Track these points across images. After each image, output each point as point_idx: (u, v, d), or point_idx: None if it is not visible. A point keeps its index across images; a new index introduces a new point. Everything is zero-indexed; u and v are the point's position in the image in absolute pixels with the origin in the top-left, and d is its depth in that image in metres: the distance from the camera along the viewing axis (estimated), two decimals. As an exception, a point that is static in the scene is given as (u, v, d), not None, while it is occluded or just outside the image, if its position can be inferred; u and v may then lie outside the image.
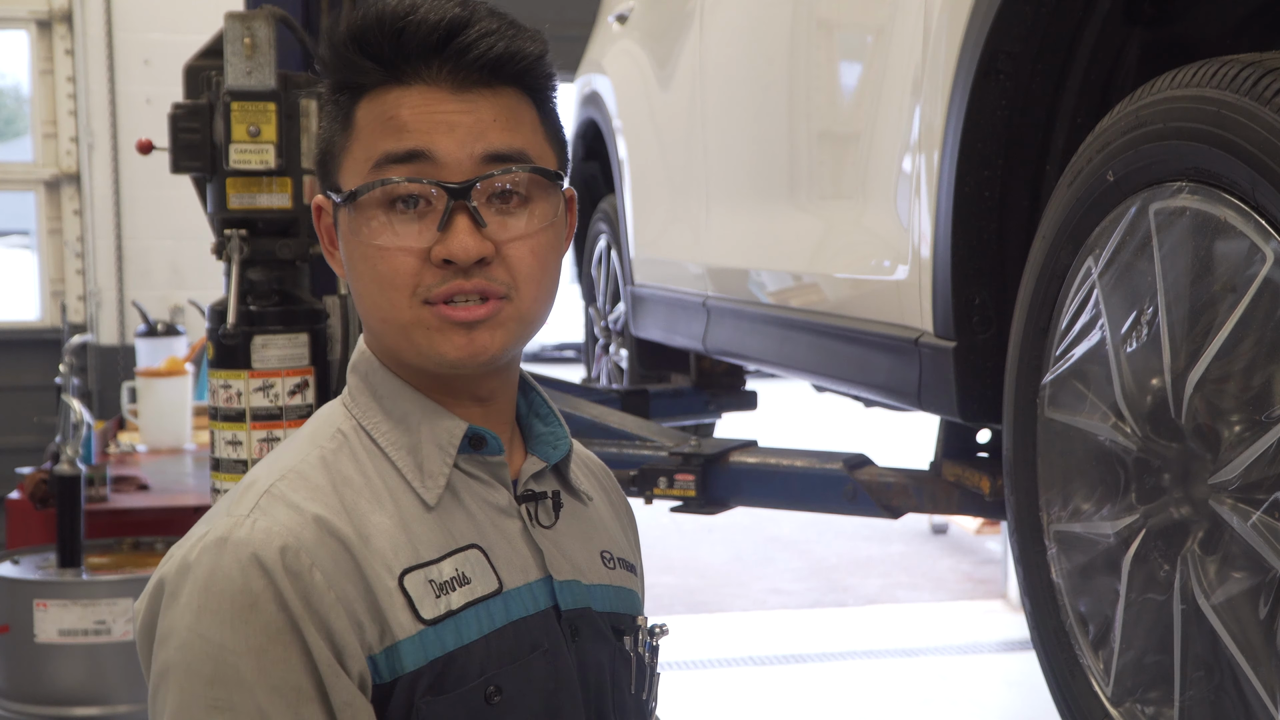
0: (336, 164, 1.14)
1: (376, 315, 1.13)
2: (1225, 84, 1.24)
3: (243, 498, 1.11)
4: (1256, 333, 1.26)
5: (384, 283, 1.10)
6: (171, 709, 1.05)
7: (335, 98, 1.15)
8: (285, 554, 1.06)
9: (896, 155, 1.98)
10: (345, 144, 1.13)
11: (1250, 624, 1.28)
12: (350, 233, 1.12)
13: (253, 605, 1.04)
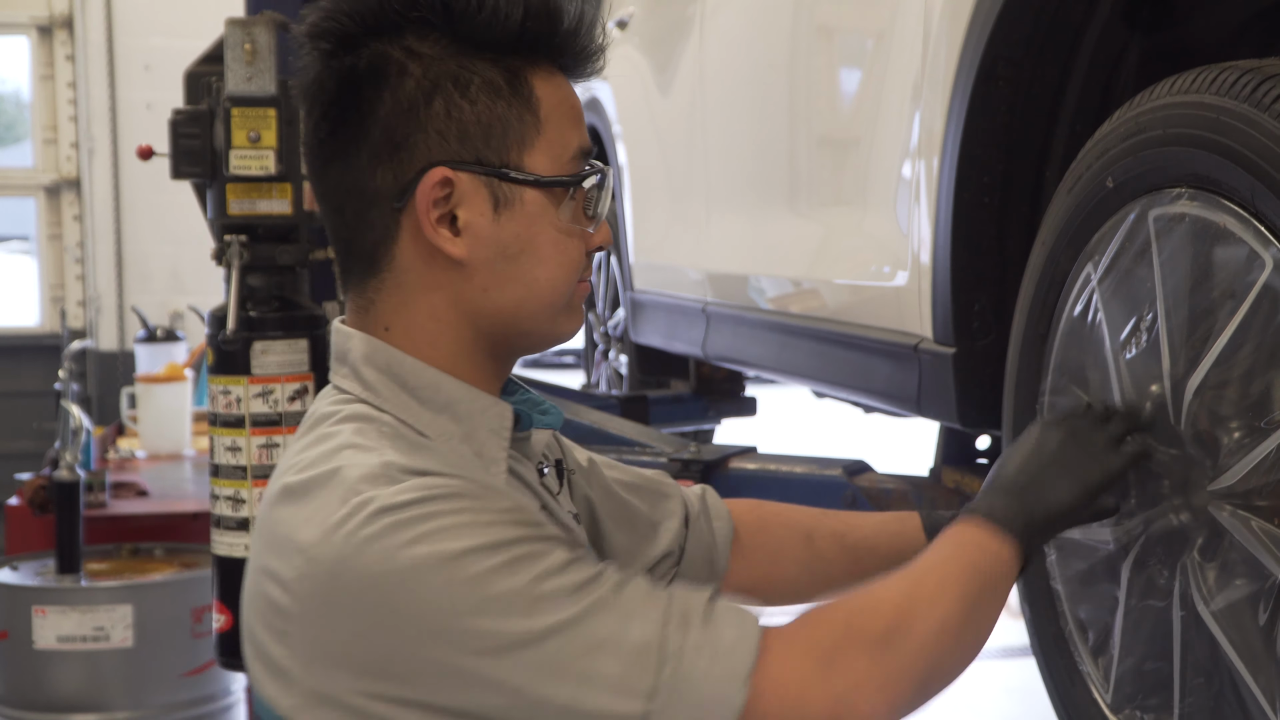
0: (517, 141, 1.13)
1: (542, 296, 1.15)
2: (1224, 90, 1.24)
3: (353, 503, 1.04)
4: (1256, 339, 1.26)
5: (567, 265, 1.15)
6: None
7: (500, 63, 1.12)
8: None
9: (896, 161, 1.98)
10: (529, 121, 1.13)
11: (1250, 630, 1.28)
12: (536, 215, 1.13)
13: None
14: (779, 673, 1.02)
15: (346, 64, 1.12)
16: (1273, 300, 1.23)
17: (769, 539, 1.45)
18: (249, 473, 2.61)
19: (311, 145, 1.16)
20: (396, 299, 1.14)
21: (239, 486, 2.62)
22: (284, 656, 1.05)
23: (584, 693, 0.99)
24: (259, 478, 2.62)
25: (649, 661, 0.99)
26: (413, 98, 1.11)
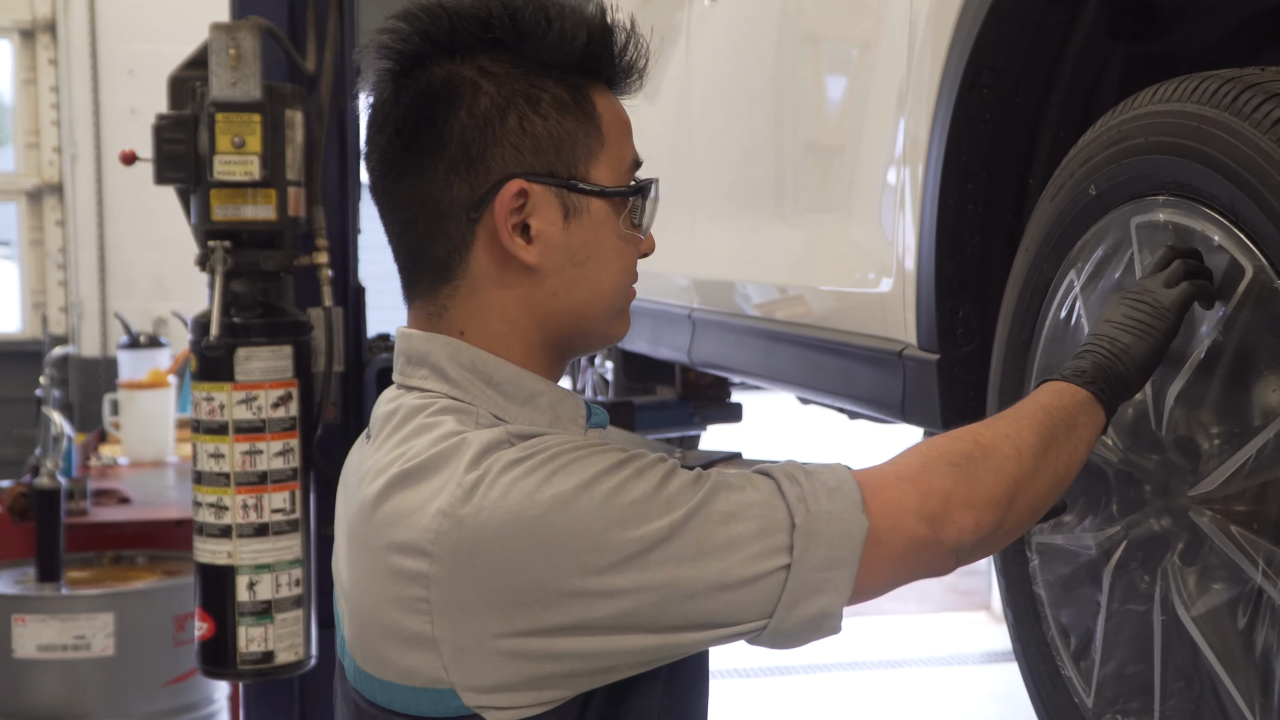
0: (584, 154, 1.21)
1: (604, 299, 1.23)
2: (1205, 99, 1.25)
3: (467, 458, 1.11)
4: (1236, 346, 1.27)
5: (626, 270, 1.25)
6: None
7: (564, 81, 1.20)
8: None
9: (881, 168, 1.99)
10: (594, 135, 1.21)
11: (1229, 634, 1.29)
12: (601, 223, 1.21)
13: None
14: (879, 501, 1.12)
15: (421, 83, 1.19)
16: (1253, 307, 1.24)
17: None
18: (232, 480, 2.61)
19: (382, 161, 1.22)
20: (471, 304, 1.21)
21: (222, 493, 2.61)
22: (425, 625, 1.10)
23: (731, 561, 1.07)
24: (242, 484, 2.61)
25: (779, 514, 1.09)
26: (488, 114, 1.18)
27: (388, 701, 1.15)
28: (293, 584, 2.66)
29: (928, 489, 1.13)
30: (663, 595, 1.07)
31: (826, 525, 1.09)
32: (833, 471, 1.14)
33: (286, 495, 2.65)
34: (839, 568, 1.10)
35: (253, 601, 2.62)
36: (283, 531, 2.65)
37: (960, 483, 1.14)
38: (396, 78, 1.20)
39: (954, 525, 1.13)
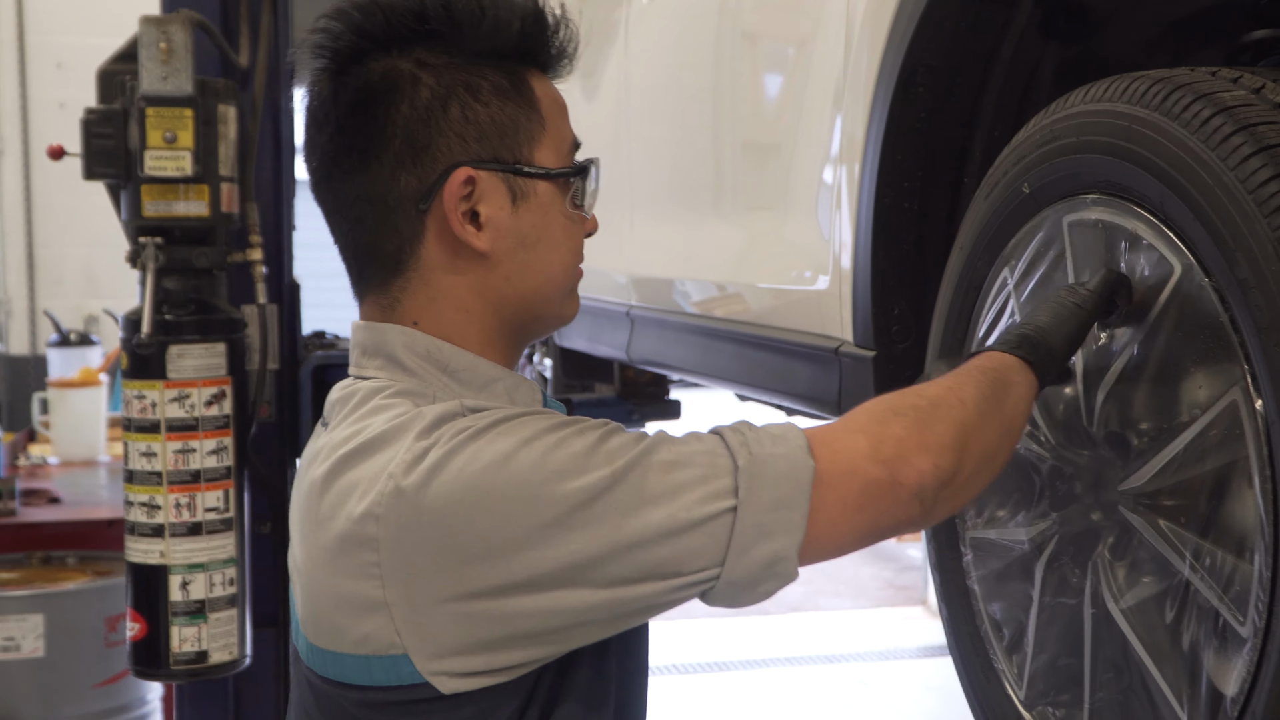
0: (527, 139, 1.22)
1: (556, 280, 1.25)
2: (1136, 99, 1.27)
3: (413, 434, 1.12)
4: (1164, 343, 1.29)
5: (575, 250, 1.26)
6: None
7: (501, 68, 1.21)
8: None
9: (818, 166, 2.00)
10: (535, 119, 1.23)
11: (1157, 627, 1.31)
12: (548, 204, 1.23)
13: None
14: (831, 447, 1.13)
15: (359, 79, 1.19)
16: (1181, 305, 1.26)
17: None
18: (164, 478, 2.57)
19: (325, 160, 1.23)
20: (424, 295, 1.22)
21: (154, 492, 2.58)
22: (376, 589, 1.10)
23: (675, 506, 1.08)
24: (174, 483, 2.58)
25: (721, 460, 1.09)
26: (430, 104, 1.19)
27: (340, 674, 1.16)
28: (227, 583, 2.63)
29: (879, 436, 1.14)
30: (608, 545, 1.07)
31: (771, 466, 1.10)
32: (780, 424, 1.15)
33: (220, 494, 2.62)
34: (787, 508, 1.09)
35: (186, 601, 2.59)
36: (216, 530, 2.62)
37: (912, 429, 1.15)
38: (334, 75, 1.21)
39: (912, 468, 1.13)
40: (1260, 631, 1.15)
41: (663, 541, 1.08)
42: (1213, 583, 1.23)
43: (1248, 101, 1.17)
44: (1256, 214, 1.10)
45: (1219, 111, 1.17)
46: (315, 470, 1.19)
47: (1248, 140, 1.13)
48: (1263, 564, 1.15)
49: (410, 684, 1.13)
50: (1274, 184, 1.10)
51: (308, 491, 1.20)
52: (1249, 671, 1.16)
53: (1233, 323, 1.17)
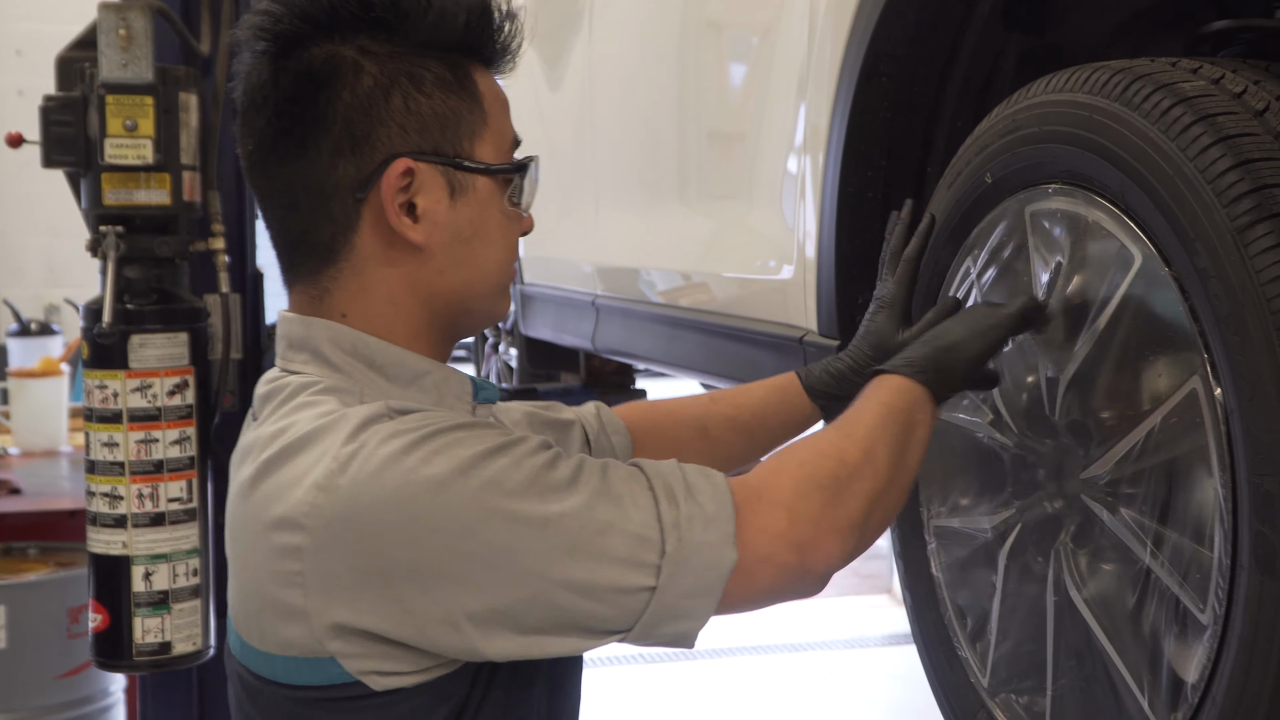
0: (468, 132, 1.21)
1: (490, 277, 1.23)
2: (1096, 89, 1.27)
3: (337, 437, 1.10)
4: (1125, 332, 1.30)
5: (510, 248, 1.25)
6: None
7: (445, 60, 1.20)
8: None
9: (782, 156, 2.00)
10: (477, 114, 1.21)
11: (1119, 615, 1.32)
12: (486, 200, 1.22)
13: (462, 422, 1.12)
14: (753, 529, 1.12)
15: (301, 64, 1.17)
16: (1142, 294, 1.27)
17: (667, 439, 1.54)
18: (126, 469, 2.56)
19: (261, 144, 1.20)
20: (354, 286, 1.20)
21: (116, 483, 2.56)
22: (299, 597, 1.09)
23: (601, 569, 1.07)
24: (137, 473, 2.56)
25: (652, 538, 1.09)
26: (372, 93, 1.17)
27: (271, 673, 1.15)
28: (190, 574, 2.62)
29: (800, 516, 1.14)
30: (535, 586, 1.07)
31: (695, 556, 1.09)
32: (714, 492, 1.13)
33: (183, 484, 2.61)
34: (702, 596, 1.11)
35: (149, 592, 2.58)
36: (180, 521, 2.60)
37: (829, 508, 1.16)
38: (274, 59, 1.18)
39: (822, 553, 1.15)
40: (1220, 619, 1.16)
41: (580, 601, 1.08)
42: (1173, 570, 1.23)
43: (1207, 92, 1.17)
44: (1215, 204, 1.11)
45: (1179, 102, 1.17)
46: (244, 470, 1.17)
47: (1207, 131, 1.14)
48: (1222, 551, 1.16)
49: (342, 683, 1.12)
50: (1233, 174, 1.10)
51: (237, 492, 1.18)
52: (1209, 658, 1.17)
53: (1192, 312, 1.18)
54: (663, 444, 1.53)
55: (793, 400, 1.54)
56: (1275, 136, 1.12)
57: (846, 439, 1.22)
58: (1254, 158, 1.10)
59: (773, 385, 1.57)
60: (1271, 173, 1.09)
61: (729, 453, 1.54)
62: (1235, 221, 1.09)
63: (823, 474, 1.17)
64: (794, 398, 1.54)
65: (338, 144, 1.17)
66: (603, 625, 1.10)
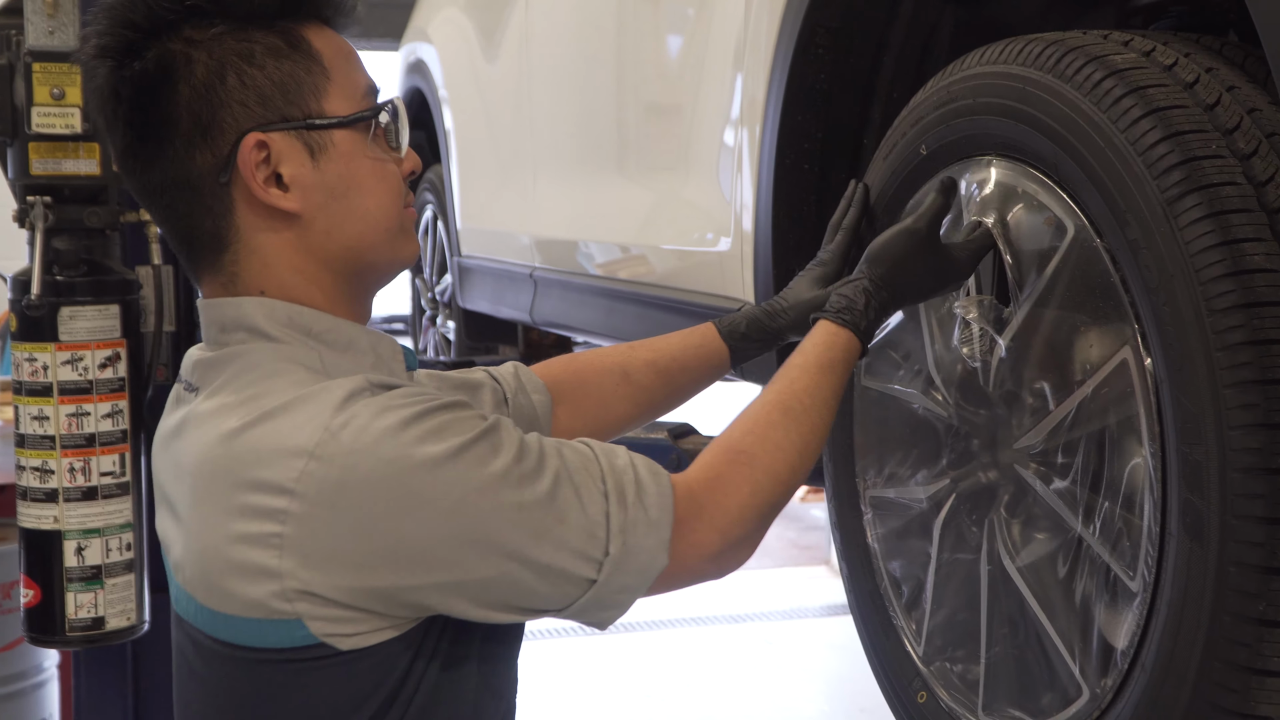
0: (312, 92, 1.21)
1: (377, 225, 1.24)
2: (1030, 61, 1.28)
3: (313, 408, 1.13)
4: (1058, 302, 1.31)
5: (391, 190, 1.25)
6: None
7: (273, 29, 1.20)
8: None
9: (719, 128, 2.00)
10: (316, 71, 1.21)
11: (1051, 583, 1.34)
12: (350, 152, 1.22)
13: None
14: (687, 544, 1.19)
15: (136, 70, 1.19)
16: (1074, 265, 1.28)
17: (591, 388, 1.58)
18: (57, 442, 2.52)
19: (124, 155, 1.23)
20: (256, 264, 1.22)
21: (46, 457, 2.52)
22: (274, 559, 1.11)
23: (558, 555, 1.13)
24: (68, 448, 2.53)
25: (600, 536, 1.15)
26: (207, 80, 1.19)
27: (233, 636, 1.17)
28: (124, 548, 2.59)
29: (731, 539, 1.21)
30: (505, 565, 1.13)
31: (634, 559, 1.16)
32: (658, 495, 1.18)
33: (116, 458, 2.57)
34: (631, 592, 1.18)
35: (81, 567, 2.54)
36: (112, 495, 2.57)
37: (757, 532, 1.24)
38: (113, 71, 1.20)
39: (735, 561, 1.23)
40: (1149, 586, 1.18)
41: (536, 582, 1.14)
42: (1104, 539, 1.25)
43: (1139, 65, 1.18)
44: (1146, 176, 1.12)
45: (1111, 74, 1.18)
46: (208, 432, 1.17)
47: (1138, 103, 1.15)
48: (1152, 520, 1.17)
49: (305, 645, 1.14)
50: (1163, 146, 1.11)
51: (201, 454, 1.18)
52: (1139, 625, 1.19)
53: (1124, 283, 1.19)
54: (588, 392, 1.58)
55: (710, 345, 1.59)
56: (1205, 109, 1.13)
57: (778, 441, 1.26)
58: (1184, 130, 1.12)
59: (690, 332, 1.62)
60: (1201, 145, 1.10)
61: (650, 397, 1.59)
62: (1165, 193, 1.10)
63: (764, 503, 1.23)
64: (711, 343, 1.59)
65: (189, 137, 1.19)
66: (543, 604, 1.16)
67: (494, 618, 1.16)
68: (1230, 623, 1.08)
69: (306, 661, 1.15)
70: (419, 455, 1.10)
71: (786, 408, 1.28)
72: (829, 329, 1.35)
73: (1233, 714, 1.10)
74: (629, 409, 1.59)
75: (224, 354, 1.21)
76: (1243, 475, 1.06)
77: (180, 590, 1.23)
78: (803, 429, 1.27)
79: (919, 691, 1.57)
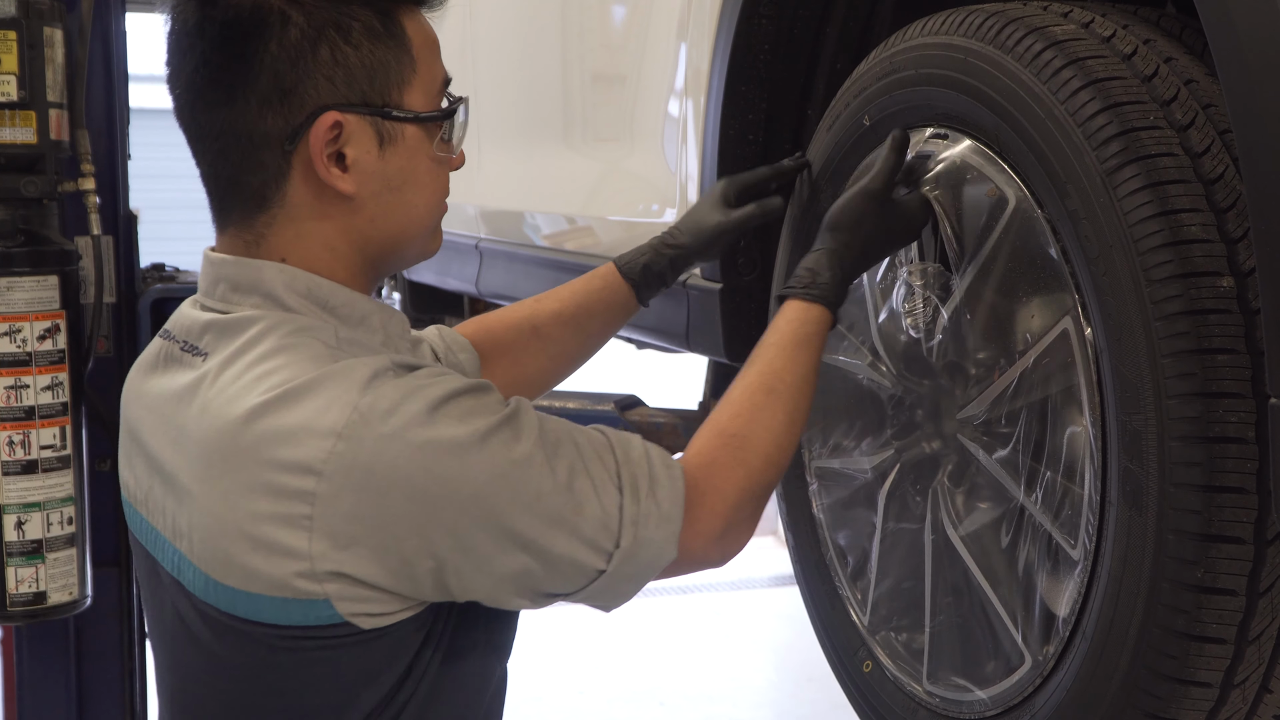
0: (397, 81, 1.20)
1: (422, 221, 1.24)
2: (971, 32, 1.28)
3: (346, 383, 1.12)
4: (1000, 273, 1.32)
5: (440, 190, 1.26)
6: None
7: (373, 6, 1.18)
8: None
9: (663, 99, 1.99)
10: (405, 61, 1.20)
11: (994, 552, 1.35)
12: (415, 148, 1.21)
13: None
14: (693, 533, 1.21)
15: (228, 12, 1.15)
16: (1016, 235, 1.28)
17: (503, 347, 1.59)
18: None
19: (189, 89, 1.19)
20: (290, 232, 1.20)
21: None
22: (303, 541, 1.11)
23: (571, 544, 1.14)
24: (6, 420, 2.49)
25: (613, 528, 1.16)
26: (299, 45, 1.15)
27: (252, 613, 1.15)
28: (65, 522, 2.56)
29: (733, 523, 1.23)
30: (512, 555, 1.14)
31: (644, 551, 1.17)
32: (671, 488, 1.19)
33: (56, 431, 2.54)
34: (637, 581, 1.20)
35: (21, 541, 2.52)
36: (53, 468, 2.54)
37: (755, 515, 1.26)
38: (200, 5, 1.17)
39: (736, 544, 1.25)
40: (1090, 554, 1.19)
41: (548, 569, 1.15)
42: (1045, 508, 1.26)
43: (1078, 36, 1.19)
44: (1085, 146, 1.13)
45: (1050, 45, 1.18)
46: (224, 409, 1.15)
47: (1077, 74, 1.15)
48: (1092, 488, 1.19)
49: (331, 624, 1.14)
50: (1102, 117, 1.12)
51: (215, 428, 1.15)
52: (1079, 593, 1.20)
53: (1064, 253, 1.20)
54: (502, 351, 1.58)
55: (614, 287, 1.59)
56: (1143, 80, 1.14)
57: (766, 424, 1.27)
58: (1122, 101, 1.12)
59: (592, 275, 1.61)
60: (1139, 116, 1.11)
61: (563, 349, 1.60)
62: (1104, 164, 1.11)
63: (759, 485, 1.25)
64: (614, 284, 1.59)
65: (265, 96, 1.16)
66: (552, 589, 1.17)
67: (504, 602, 1.17)
68: (1169, 590, 1.09)
69: (327, 639, 1.15)
70: (445, 439, 1.10)
71: (770, 388, 1.28)
72: (798, 306, 1.35)
73: (1172, 680, 1.11)
74: (544, 363, 1.59)
75: (237, 319, 1.19)
76: (1181, 443, 1.07)
77: (183, 561, 1.21)
78: (788, 408, 1.28)
79: (864, 661, 1.58)
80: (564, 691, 4.46)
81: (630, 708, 4.37)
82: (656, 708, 4.36)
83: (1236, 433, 1.05)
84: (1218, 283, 1.06)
